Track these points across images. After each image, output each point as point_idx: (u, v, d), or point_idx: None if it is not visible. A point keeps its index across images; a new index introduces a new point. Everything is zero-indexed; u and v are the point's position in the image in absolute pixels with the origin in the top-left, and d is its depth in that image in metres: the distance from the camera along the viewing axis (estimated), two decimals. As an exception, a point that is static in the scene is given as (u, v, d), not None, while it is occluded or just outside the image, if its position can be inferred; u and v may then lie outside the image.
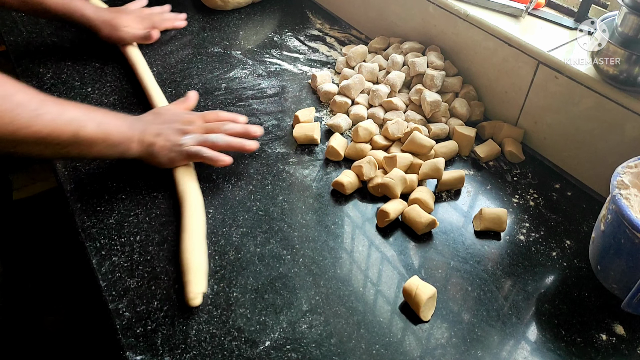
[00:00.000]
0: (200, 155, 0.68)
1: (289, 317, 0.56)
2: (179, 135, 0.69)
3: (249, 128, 0.73)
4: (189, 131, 0.69)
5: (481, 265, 0.63)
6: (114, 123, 0.64)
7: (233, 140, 0.70)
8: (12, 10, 1.00)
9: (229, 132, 0.71)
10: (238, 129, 0.72)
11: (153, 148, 0.67)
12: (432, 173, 0.71)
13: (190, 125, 0.70)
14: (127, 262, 0.60)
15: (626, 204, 0.53)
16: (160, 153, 0.67)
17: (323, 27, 1.08)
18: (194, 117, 0.72)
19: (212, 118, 0.73)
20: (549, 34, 0.77)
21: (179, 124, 0.70)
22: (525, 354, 0.54)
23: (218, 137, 0.69)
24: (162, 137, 0.68)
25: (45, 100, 0.58)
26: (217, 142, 0.69)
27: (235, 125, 0.72)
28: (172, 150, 0.68)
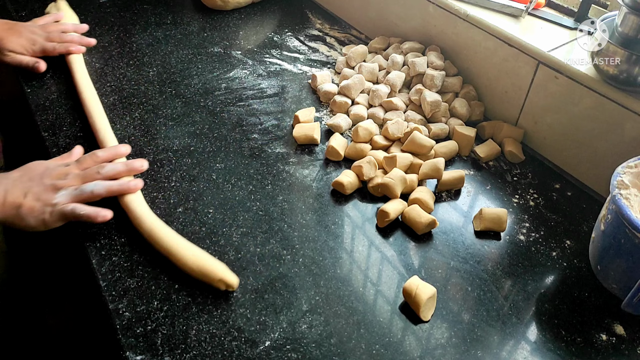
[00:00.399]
0: (76, 213, 0.60)
1: (289, 317, 0.56)
2: (50, 193, 0.61)
3: (132, 165, 0.66)
4: (62, 186, 0.62)
5: (481, 265, 0.63)
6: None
7: (112, 186, 0.63)
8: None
9: (107, 176, 0.64)
10: (119, 169, 0.65)
11: (19, 210, 0.59)
12: (432, 173, 0.71)
13: (64, 179, 0.63)
14: (127, 262, 0.60)
15: (626, 204, 0.53)
16: (28, 215, 0.60)
17: (323, 27, 1.08)
18: (69, 168, 0.64)
19: (89, 163, 0.66)
20: (549, 34, 0.77)
21: (51, 179, 0.62)
22: (525, 354, 0.54)
23: (96, 186, 0.62)
24: (30, 197, 0.60)
25: None
26: (94, 192, 0.62)
27: (115, 166, 0.66)
28: (42, 211, 0.60)
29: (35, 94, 0.84)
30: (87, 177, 0.63)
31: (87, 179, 0.63)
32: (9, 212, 0.59)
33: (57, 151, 0.74)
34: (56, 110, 0.81)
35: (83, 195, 0.61)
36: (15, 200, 0.60)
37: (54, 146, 0.75)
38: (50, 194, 0.61)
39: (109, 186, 0.63)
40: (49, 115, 0.80)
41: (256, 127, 0.81)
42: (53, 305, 1.06)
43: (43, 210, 0.60)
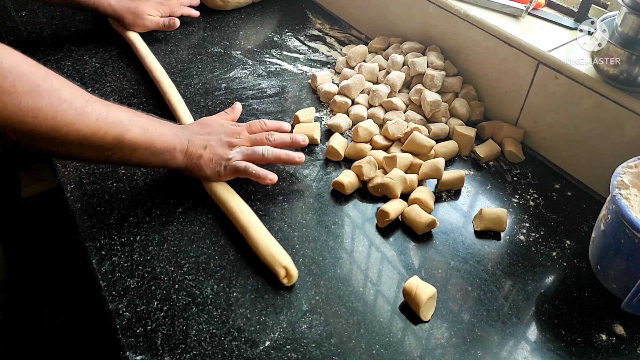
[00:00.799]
0: (248, 171, 0.66)
1: (289, 317, 0.56)
2: (226, 148, 0.67)
3: (296, 138, 0.71)
4: (235, 144, 0.67)
5: (481, 265, 0.63)
6: (159, 130, 0.62)
7: (281, 153, 0.68)
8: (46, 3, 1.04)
9: (276, 143, 0.69)
10: (285, 140, 0.70)
11: (199, 160, 0.65)
12: (432, 173, 0.71)
13: (237, 137, 0.68)
14: (127, 262, 0.60)
15: (626, 204, 0.53)
16: (206, 166, 0.65)
17: (323, 27, 1.08)
18: (240, 129, 0.70)
19: (258, 128, 0.71)
20: (549, 34, 0.77)
21: (226, 135, 0.68)
22: (525, 354, 0.54)
23: (266, 150, 0.68)
24: (209, 150, 0.66)
25: (91, 99, 0.55)
26: (265, 155, 0.67)
27: (283, 136, 0.70)
28: (218, 163, 0.66)
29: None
30: (257, 140, 0.69)
31: (257, 142, 0.69)
32: (190, 161, 0.65)
33: (57, 151, 0.74)
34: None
35: (254, 155, 0.67)
36: (196, 151, 0.65)
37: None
38: (226, 149, 0.66)
39: (278, 154, 0.68)
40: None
41: (256, 127, 0.81)
42: (53, 305, 1.07)
43: (220, 163, 0.66)
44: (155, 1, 0.99)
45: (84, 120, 0.53)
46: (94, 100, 0.56)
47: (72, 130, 0.52)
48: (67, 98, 0.52)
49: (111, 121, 0.56)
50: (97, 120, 0.54)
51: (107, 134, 0.55)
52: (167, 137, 0.62)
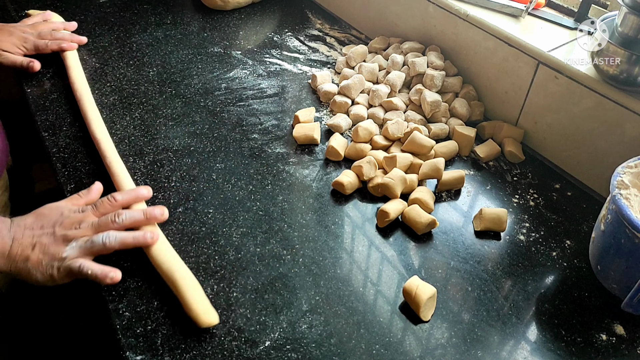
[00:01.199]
0: (83, 272, 0.55)
1: (289, 317, 0.56)
2: (59, 245, 0.56)
3: (151, 214, 0.60)
4: (73, 237, 0.57)
5: (481, 265, 0.63)
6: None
7: (126, 238, 0.58)
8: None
9: (125, 225, 0.59)
10: (137, 217, 0.60)
11: (26, 264, 0.55)
12: (432, 173, 0.71)
13: (77, 228, 0.58)
14: (127, 262, 0.60)
15: (626, 204, 0.53)
16: (35, 270, 0.55)
17: (323, 27, 1.08)
18: (84, 215, 0.59)
19: (106, 208, 0.61)
20: (549, 34, 0.77)
21: (63, 228, 0.58)
22: (525, 354, 0.54)
23: (108, 238, 0.57)
24: (38, 249, 0.56)
25: None
26: (107, 245, 0.57)
27: (134, 213, 0.60)
28: (50, 265, 0.55)
29: (35, 94, 0.84)
30: (101, 226, 0.58)
31: (102, 229, 0.58)
32: (15, 265, 0.56)
33: (57, 151, 0.74)
34: (56, 110, 0.81)
35: (94, 248, 0.57)
36: (22, 252, 0.56)
37: (54, 146, 0.75)
38: (60, 246, 0.56)
39: (123, 239, 0.58)
40: (49, 115, 0.80)
41: (256, 127, 0.81)
42: (53, 305, 1.06)
43: (51, 265, 0.56)
44: (19, 33, 0.87)
45: None
46: None
47: None
48: None
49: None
50: None
51: None
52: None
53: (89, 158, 0.73)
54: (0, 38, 0.85)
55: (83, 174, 0.71)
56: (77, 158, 0.73)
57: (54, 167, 0.72)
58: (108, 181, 0.68)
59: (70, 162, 0.73)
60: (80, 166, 0.72)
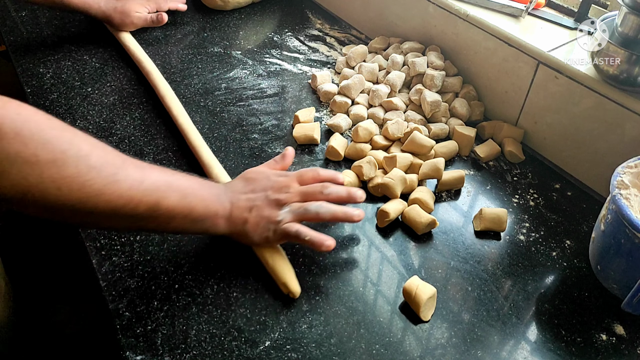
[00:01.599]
0: (300, 238, 0.57)
1: (289, 317, 0.56)
2: (274, 209, 0.58)
3: (354, 193, 0.62)
4: (285, 201, 0.59)
5: (481, 265, 0.63)
6: (200, 194, 0.55)
7: (338, 211, 0.60)
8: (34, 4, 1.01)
9: (331, 198, 0.61)
10: (342, 195, 0.61)
11: (245, 226, 0.57)
12: (432, 173, 0.71)
13: (286, 193, 0.60)
14: (127, 262, 0.60)
15: (626, 204, 0.53)
16: (253, 231, 0.58)
17: (323, 27, 1.08)
18: (289, 180, 0.61)
19: (309, 178, 0.62)
20: (549, 34, 0.77)
21: (273, 192, 0.60)
22: (525, 354, 0.54)
23: (321, 208, 0.59)
24: (255, 212, 0.58)
25: (125, 164, 0.50)
26: (320, 214, 0.59)
27: (339, 189, 0.61)
28: (266, 228, 0.58)
29: (35, 94, 0.84)
30: (309, 194, 0.60)
31: (310, 197, 0.60)
32: (235, 227, 0.57)
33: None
34: (56, 110, 0.81)
35: (307, 214, 0.59)
36: (241, 215, 0.57)
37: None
38: (274, 210, 0.58)
39: (335, 211, 0.59)
40: (49, 115, 0.80)
41: (256, 127, 0.81)
42: (53, 305, 1.06)
43: (267, 228, 0.58)
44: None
45: (115, 190, 0.47)
46: (128, 165, 0.50)
47: (100, 202, 0.47)
48: (97, 165, 0.47)
49: (146, 188, 0.50)
50: (129, 189, 0.48)
51: (140, 203, 0.49)
52: (208, 202, 0.56)
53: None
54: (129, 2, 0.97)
55: (83, 174, 0.71)
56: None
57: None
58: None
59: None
60: (80, 166, 0.72)
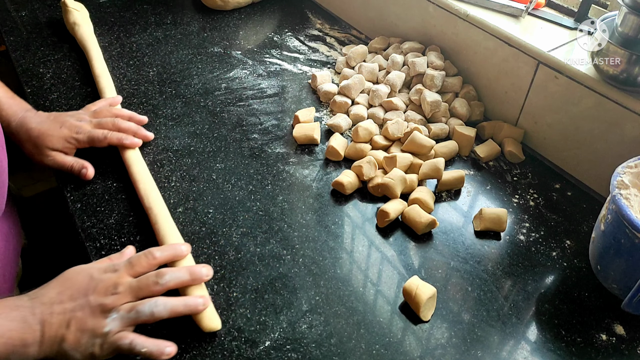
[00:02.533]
0: (136, 350, 0.48)
1: (289, 317, 0.56)
2: (98, 317, 0.48)
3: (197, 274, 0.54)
4: (112, 306, 0.49)
5: (481, 265, 0.63)
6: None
7: (177, 305, 0.51)
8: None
9: (170, 286, 0.52)
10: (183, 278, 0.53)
11: (62, 345, 0.47)
12: (432, 173, 0.71)
13: (113, 294, 0.50)
14: (127, 262, 0.60)
15: (626, 204, 0.53)
16: (74, 350, 0.47)
17: (323, 27, 1.08)
18: (117, 277, 0.51)
19: (143, 266, 0.53)
20: (549, 34, 0.77)
21: (98, 295, 0.49)
22: (525, 354, 0.54)
23: (156, 307, 0.50)
24: (74, 326, 0.47)
25: None
26: (155, 313, 0.50)
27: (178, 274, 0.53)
28: (91, 343, 0.48)
29: (35, 94, 0.84)
30: (142, 289, 0.51)
31: (142, 292, 0.51)
32: (50, 350, 0.47)
33: (57, 151, 0.74)
34: (56, 110, 0.81)
35: (140, 318, 0.49)
36: (56, 334, 0.47)
37: (54, 146, 0.74)
38: (99, 319, 0.48)
39: (174, 307, 0.51)
40: (49, 115, 0.80)
41: (256, 127, 0.81)
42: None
43: (92, 343, 0.48)
44: (73, 122, 0.71)
45: None
46: None
47: None
48: None
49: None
50: None
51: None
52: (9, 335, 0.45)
53: (88, 158, 0.73)
54: (49, 132, 0.69)
55: (83, 174, 0.71)
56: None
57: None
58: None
59: (70, 162, 0.73)
60: (80, 166, 0.72)
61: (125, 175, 0.71)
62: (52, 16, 1.04)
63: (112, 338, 0.48)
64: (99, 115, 0.74)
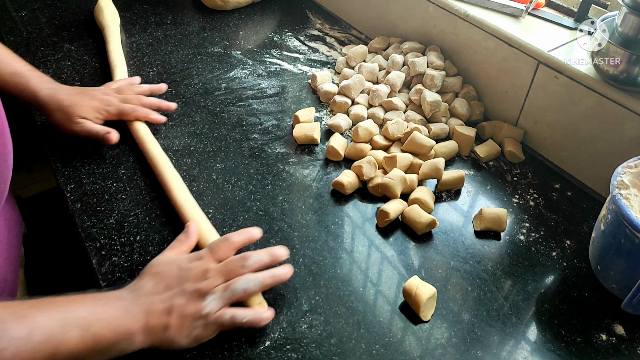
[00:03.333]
0: (237, 324, 0.52)
1: (289, 317, 0.56)
2: (197, 301, 0.51)
3: (275, 253, 0.57)
4: (207, 290, 0.52)
5: (481, 265, 0.63)
6: (104, 317, 0.47)
7: (266, 278, 0.55)
8: None
9: (255, 269, 0.55)
10: (265, 260, 0.56)
11: (167, 333, 0.50)
12: (432, 173, 0.71)
13: (206, 278, 0.53)
14: (127, 262, 0.60)
15: (626, 204, 0.53)
16: (179, 336, 0.50)
17: (323, 27, 1.08)
18: (205, 263, 0.54)
19: (225, 252, 0.56)
20: (549, 34, 0.77)
21: (192, 282, 0.52)
22: (525, 354, 0.54)
23: (248, 283, 0.53)
24: (176, 313, 0.50)
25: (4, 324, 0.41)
26: (249, 290, 0.53)
27: (261, 257, 0.56)
28: (194, 326, 0.50)
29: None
30: (231, 272, 0.54)
31: (232, 275, 0.54)
32: (155, 338, 0.49)
33: (56, 151, 0.74)
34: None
35: (236, 296, 0.53)
36: (159, 322, 0.49)
37: (54, 146, 0.75)
38: (198, 302, 0.51)
39: (262, 280, 0.54)
40: (49, 115, 0.80)
41: (256, 127, 0.81)
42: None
43: (195, 325, 0.50)
44: (102, 96, 0.76)
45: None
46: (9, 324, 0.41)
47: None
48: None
49: (36, 344, 0.42)
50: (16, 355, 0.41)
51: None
52: (116, 323, 0.48)
53: (88, 158, 0.73)
54: (80, 102, 0.73)
55: (83, 174, 0.71)
56: (77, 158, 0.73)
57: (54, 167, 0.72)
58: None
59: (70, 162, 0.73)
60: (80, 166, 0.72)
61: (126, 174, 0.71)
62: (52, 16, 1.04)
63: (213, 317, 0.51)
64: (122, 92, 0.79)
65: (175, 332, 0.50)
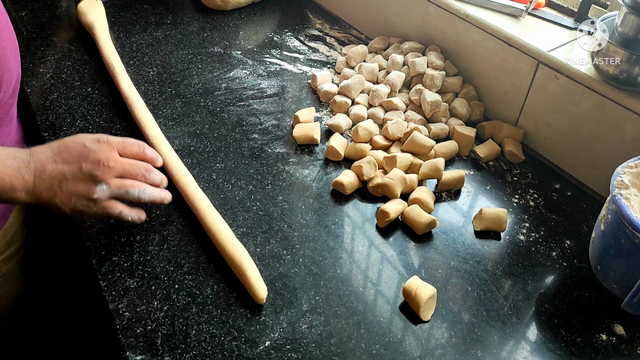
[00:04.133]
0: (123, 218, 0.57)
1: (289, 317, 0.56)
2: (89, 184, 0.54)
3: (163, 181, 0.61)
4: (101, 178, 0.54)
5: (481, 265, 0.63)
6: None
7: (156, 196, 0.59)
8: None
9: (150, 183, 0.59)
10: (158, 181, 0.60)
11: (54, 200, 0.53)
12: (432, 173, 0.71)
13: (104, 166, 0.55)
14: (127, 262, 0.60)
15: (626, 204, 0.53)
16: (63, 205, 0.54)
17: (323, 27, 1.08)
18: (109, 151, 0.56)
19: (133, 154, 0.58)
20: (549, 34, 0.77)
21: (89, 164, 0.54)
22: (525, 354, 0.54)
23: (143, 194, 0.57)
24: (65, 187, 0.53)
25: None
26: (141, 199, 0.57)
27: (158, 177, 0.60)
28: (80, 203, 0.54)
29: (35, 94, 0.84)
30: (129, 174, 0.57)
31: (128, 176, 0.57)
32: (40, 199, 0.53)
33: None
34: (56, 110, 0.81)
35: (127, 197, 0.56)
36: (48, 188, 0.53)
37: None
38: (90, 185, 0.54)
39: (154, 196, 0.59)
40: (49, 115, 0.80)
41: (256, 127, 0.81)
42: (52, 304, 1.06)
43: (81, 203, 0.54)
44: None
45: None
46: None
47: None
48: None
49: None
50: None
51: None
52: (2, 177, 0.51)
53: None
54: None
55: (83, 174, 0.71)
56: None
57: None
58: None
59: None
60: (80, 166, 0.72)
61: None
62: (52, 16, 1.04)
63: (101, 204, 0.55)
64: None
65: (60, 201, 0.54)
